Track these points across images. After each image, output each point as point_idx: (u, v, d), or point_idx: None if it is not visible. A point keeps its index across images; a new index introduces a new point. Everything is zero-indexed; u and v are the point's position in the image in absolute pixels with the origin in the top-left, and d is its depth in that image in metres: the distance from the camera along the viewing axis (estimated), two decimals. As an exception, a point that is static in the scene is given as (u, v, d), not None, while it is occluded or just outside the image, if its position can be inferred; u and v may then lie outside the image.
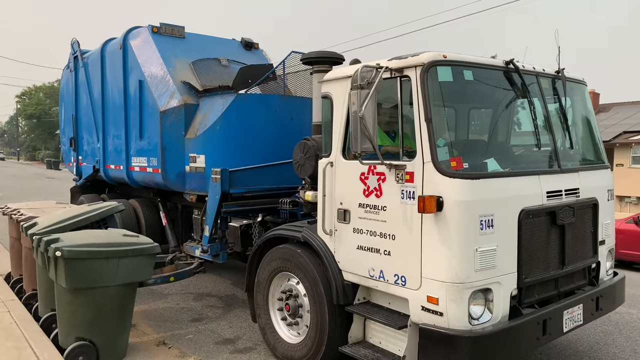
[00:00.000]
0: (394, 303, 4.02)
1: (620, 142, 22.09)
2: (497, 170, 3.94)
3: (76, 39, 9.79)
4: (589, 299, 4.33)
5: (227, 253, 6.26)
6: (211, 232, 6.13)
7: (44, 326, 5.16)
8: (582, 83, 4.95)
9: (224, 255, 6.21)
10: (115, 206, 5.94)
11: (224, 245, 6.21)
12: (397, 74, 3.79)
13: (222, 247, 6.20)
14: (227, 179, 5.93)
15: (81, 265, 4.38)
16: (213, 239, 6.17)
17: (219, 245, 6.19)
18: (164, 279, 5.90)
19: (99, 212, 5.63)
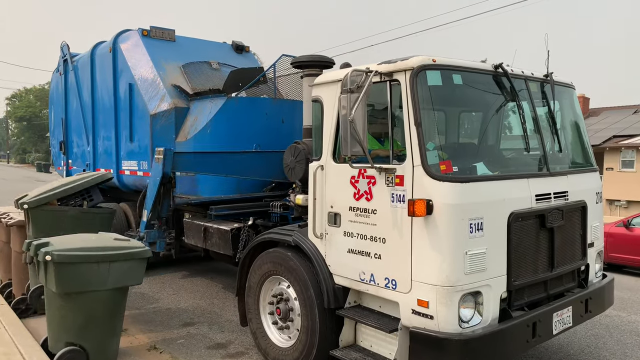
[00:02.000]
0: (385, 306, 4.03)
1: (610, 146, 22.30)
2: (487, 174, 3.97)
3: (66, 42, 9.75)
4: (578, 301, 4.36)
5: (164, 242, 5.90)
6: (149, 217, 5.80)
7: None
8: (570, 87, 5.00)
9: (162, 243, 5.86)
10: (104, 174, 5.95)
11: (162, 234, 5.85)
12: (386, 78, 3.81)
13: (160, 235, 5.84)
14: (171, 160, 5.63)
15: (71, 269, 4.34)
16: (151, 224, 5.84)
17: (156, 233, 5.84)
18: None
19: (85, 182, 5.67)
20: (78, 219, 5.59)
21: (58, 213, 5.56)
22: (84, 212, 5.72)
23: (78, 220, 5.57)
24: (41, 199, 5.56)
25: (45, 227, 5.41)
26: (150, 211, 5.84)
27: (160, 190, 5.79)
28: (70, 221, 5.54)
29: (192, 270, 8.71)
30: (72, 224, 5.50)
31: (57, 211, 5.58)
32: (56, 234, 4.96)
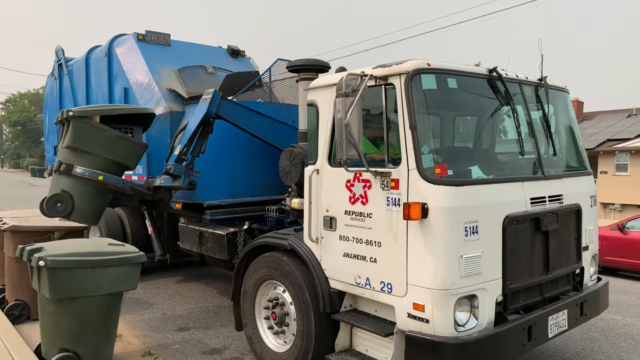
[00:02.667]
0: (381, 310, 4.02)
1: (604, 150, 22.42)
2: (481, 177, 3.98)
3: (60, 47, 9.73)
4: (573, 304, 4.37)
5: (188, 180, 5.78)
6: (181, 151, 5.77)
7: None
8: (564, 91, 5.02)
9: (185, 180, 5.75)
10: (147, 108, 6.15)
11: (189, 171, 5.78)
12: (381, 81, 3.82)
13: (186, 172, 5.76)
14: (216, 103, 5.65)
15: (65, 275, 4.31)
16: (181, 159, 5.78)
17: (183, 168, 5.76)
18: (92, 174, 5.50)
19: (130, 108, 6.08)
20: (112, 142, 5.57)
21: (97, 129, 5.52)
22: (120, 136, 5.69)
23: (112, 144, 5.57)
24: (87, 111, 5.58)
25: (81, 140, 5.46)
26: (184, 146, 5.83)
27: (198, 128, 5.81)
28: (106, 141, 5.54)
29: (187, 275, 8.67)
30: (106, 145, 5.54)
31: (97, 127, 5.53)
32: (89, 149, 5.32)
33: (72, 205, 5.40)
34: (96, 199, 5.65)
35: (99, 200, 5.71)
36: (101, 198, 5.72)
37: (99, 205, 5.76)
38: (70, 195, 5.41)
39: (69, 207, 5.36)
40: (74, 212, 5.47)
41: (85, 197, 5.53)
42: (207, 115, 5.74)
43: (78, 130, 5.44)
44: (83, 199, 5.51)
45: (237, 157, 6.27)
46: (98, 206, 5.77)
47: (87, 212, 5.64)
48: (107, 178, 5.50)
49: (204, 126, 5.88)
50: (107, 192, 5.73)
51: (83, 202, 5.52)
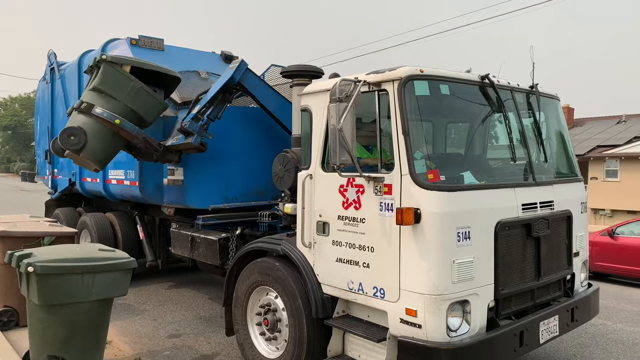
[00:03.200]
0: (373, 316, 4.02)
1: (594, 156, 22.63)
2: (474, 183, 4.00)
3: (53, 51, 9.68)
4: (564, 310, 4.39)
5: (200, 140, 5.78)
6: (199, 110, 5.80)
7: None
8: (555, 98, 5.07)
9: (198, 139, 5.77)
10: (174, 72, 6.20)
11: (202, 131, 5.79)
12: (375, 87, 3.84)
13: (200, 131, 5.77)
14: (242, 71, 5.80)
15: (54, 280, 4.26)
16: (197, 117, 5.80)
17: (198, 126, 5.77)
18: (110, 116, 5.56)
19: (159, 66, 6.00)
20: (137, 93, 5.71)
21: (125, 77, 5.67)
22: (145, 89, 5.78)
23: (136, 94, 5.70)
24: (120, 59, 5.76)
25: (107, 84, 5.62)
26: (202, 107, 5.86)
27: (219, 94, 5.87)
28: (131, 90, 5.67)
29: (178, 281, 8.62)
30: (130, 94, 5.67)
31: (126, 75, 5.67)
32: (113, 94, 5.52)
33: (85, 141, 5.47)
34: (108, 143, 5.70)
35: (111, 144, 5.75)
36: (113, 143, 5.76)
37: (109, 149, 5.80)
38: (85, 132, 5.48)
39: (81, 141, 5.46)
40: (85, 148, 5.51)
41: (99, 137, 5.58)
42: (230, 81, 5.82)
43: (107, 75, 5.60)
44: (96, 138, 5.56)
45: (229, 162, 6.25)
46: (108, 150, 5.80)
47: (98, 152, 5.66)
48: (123, 123, 5.59)
49: (224, 94, 5.95)
50: (119, 139, 5.78)
51: (96, 140, 5.56)
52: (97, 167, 5.80)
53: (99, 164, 5.79)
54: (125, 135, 5.73)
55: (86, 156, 5.59)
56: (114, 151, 5.92)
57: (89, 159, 5.64)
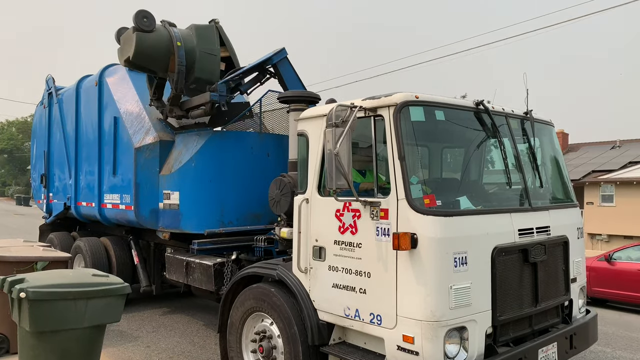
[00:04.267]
0: (370, 343, 3.96)
1: (589, 181, 22.73)
2: (470, 208, 4.00)
3: (51, 76, 9.76)
4: (563, 337, 4.34)
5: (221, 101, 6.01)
6: (232, 77, 6.18)
7: None
8: (549, 124, 5.13)
9: (216, 96, 6.02)
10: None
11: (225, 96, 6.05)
12: (371, 113, 3.87)
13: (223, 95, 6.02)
14: (281, 56, 6.23)
15: (47, 307, 4.20)
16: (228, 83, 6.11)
17: (225, 89, 6.07)
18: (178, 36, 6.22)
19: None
20: (209, 54, 6.34)
21: (214, 39, 6.48)
22: (217, 59, 6.46)
23: (208, 55, 6.34)
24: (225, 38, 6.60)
25: (201, 33, 6.35)
26: (236, 75, 6.21)
27: (255, 69, 6.30)
28: (207, 49, 6.36)
29: (172, 307, 8.50)
30: (205, 51, 6.34)
31: (215, 38, 6.50)
32: (197, 40, 6.22)
33: (151, 29, 6.01)
34: (157, 51, 6.12)
35: (159, 53, 6.15)
36: (160, 55, 6.16)
37: (153, 55, 6.15)
38: (155, 28, 6.07)
39: (151, 26, 6.02)
40: (144, 35, 5.97)
41: (156, 42, 6.08)
42: (267, 61, 6.23)
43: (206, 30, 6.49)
44: (155, 40, 6.06)
45: (225, 186, 6.25)
46: (152, 55, 6.15)
47: (144, 47, 6.03)
48: (181, 49, 6.12)
49: (258, 73, 6.34)
50: (164, 59, 6.20)
51: (152, 40, 6.05)
52: (130, 57, 6.07)
53: (136, 56, 6.05)
54: (172, 61, 6.17)
55: (136, 40, 5.95)
56: (154, 58, 6.18)
57: (135, 45, 5.96)
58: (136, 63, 6.18)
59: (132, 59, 6.06)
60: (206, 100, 5.98)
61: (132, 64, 6.19)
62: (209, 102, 5.94)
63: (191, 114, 6.33)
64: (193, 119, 6.35)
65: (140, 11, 5.97)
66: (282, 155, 5.97)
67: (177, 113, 6.50)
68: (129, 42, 6.10)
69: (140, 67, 6.40)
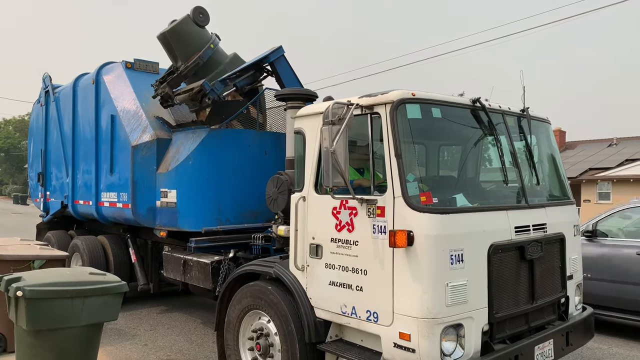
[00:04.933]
0: (367, 340, 3.97)
1: (586, 179, 22.81)
2: (466, 206, 4.01)
3: (48, 74, 9.74)
4: (559, 333, 4.36)
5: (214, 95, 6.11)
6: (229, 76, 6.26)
7: None
8: (546, 122, 5.14)
9: (208, 87, 6.09)
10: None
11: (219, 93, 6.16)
12: (367, 111, 3.88)
13: (218, 91, 6.13)
14: (278, 54, 6.30)
15: (44, 305, 4.19)
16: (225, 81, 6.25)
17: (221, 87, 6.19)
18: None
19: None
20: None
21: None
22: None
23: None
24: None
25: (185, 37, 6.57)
26: (233, 73, 6.31)
27: (251, 68, 6.42)
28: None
29: (170, 305, 8.50)
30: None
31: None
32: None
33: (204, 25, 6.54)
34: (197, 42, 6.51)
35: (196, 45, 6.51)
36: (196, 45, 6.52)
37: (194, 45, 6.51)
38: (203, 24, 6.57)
39: (204, 22, 6.52)
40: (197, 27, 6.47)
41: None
42: (264, 59, 6.26)
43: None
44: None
45: (223, 184, 6.25)
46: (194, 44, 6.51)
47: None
48: (209, 50, 6.54)
49: (255, 71, 6.41)
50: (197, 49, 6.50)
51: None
52: (167, 30, 6.48)
53: (172, 33, 6.47)
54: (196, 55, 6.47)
55: (181, 21, 6.45)
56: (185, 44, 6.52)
57: (178, 24, 6.46)
58: (168, 38, 6.48)
59: (167, 33, 6.42)
60: (197, 86, 6.07)
61: (164, 37, 6.51)
62: (199, 87, 6.01)
63: (177, 98, 6.50)
64: (179, 103, 6.52)
65: (199, 7, 6.47)
66: (279, 153, 5.97)
67: (164, 90, 6.65)
68: (176, 21, 6.49)
69: (168, 45, 6.59)
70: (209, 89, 6.01)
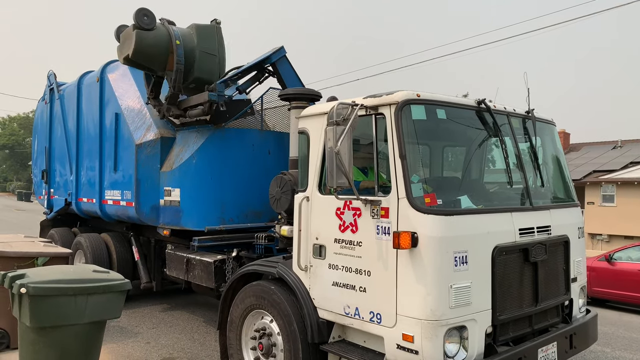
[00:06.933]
0: (370, 341, 3.96)
1: (590, 181, 22.70)
2: (471, 207, 4.00)
3: (53, 71, 9.76)
4: (562, 336, 4.34)
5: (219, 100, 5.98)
6: (231, 77, 6.23)
7: None
8: (551, 123, 5.11)
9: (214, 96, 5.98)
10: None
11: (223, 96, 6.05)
12: (372, 111, 3.86)
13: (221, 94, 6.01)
14: (280, 55, 6.28)
15: (47, 302, 4.20)
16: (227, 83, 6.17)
17: (223, 89, 6.08)
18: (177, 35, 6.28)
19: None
20: (208, 55, 6.43)
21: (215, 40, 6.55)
22: (219, 58, 6.56)
23: (207, 55, 6.42)
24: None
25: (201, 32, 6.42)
26: (235, 75, 6.35)
27: (253, 69, 6.42)
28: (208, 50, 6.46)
29: (172, 304, 8.51)
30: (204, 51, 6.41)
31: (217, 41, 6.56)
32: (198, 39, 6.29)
33: (151, 27, 6.03)
34: (157, 48, 6.12)
35: (158, 52, 6.15)
36: (158, 55, 6.17)
37: (152, 52, 6.15)
38: (155, 26, 6.08)
39: (151, 25, 6.02)
40: (143, 34, 5.99)
41: (156, 40, 6.09)
42: (266, 60, 6.24)
43: (207, 30, 6.49)
44: (154, 38, 6.08)
45: (226, 183, 6.25)
46: (151, 53, 6.15)
47: (144, 44, 6.04)
48: (179, 48, 6.14)
49: (257, 72, 6.37)
50: (162, 57, 6.19)
51: (152, 39, 6.07)
52: (129, 55, 6.06)
53: (135, 54, 6.04)
54: (171, 59, 6.16)
55: (136, 38, 5.96)
56: (153, 56, 6.18)
57: (135, 43, 5.96)
58: (135, 61, 6.15)
59: (132, 57, 6.03)
60: (204, 100, 5.95)
61: (131, 61, 6.17)
62: (207, 101, 5.91)
63: (189, 113, 6.29)
64: (191, 118, 6.32)
65: (141, 9, 5.93)
66: (283, 153, 5.97)
67: (174, 112, 6.46)
68: (128, 39, 6.06)
69: (139, 65, 6.38)
70: (216, 97, 5.90)
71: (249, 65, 6.34)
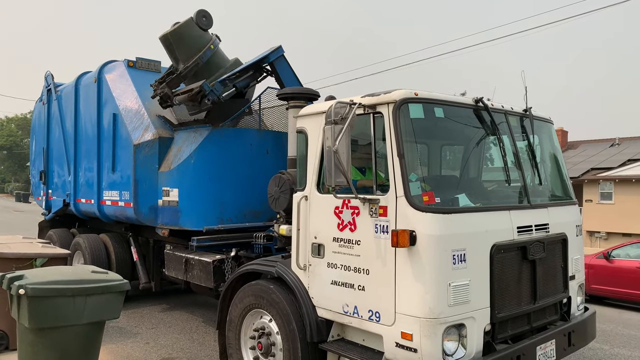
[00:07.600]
0: (368, 340, 3.97)
1: (588, 179, 22.74)
2: (469, 205, 4.00)
3: (50, 72, 9.74)
4: (561, 334, 4.35)
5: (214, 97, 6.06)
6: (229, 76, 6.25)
7: None
8: (548, 121, 5.12)
9: (208, 87, 6.05)
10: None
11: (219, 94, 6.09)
12: (370, 110, 3.87)
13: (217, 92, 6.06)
14: (278, 55, 6.32)
15: (46, 303, 4.20)
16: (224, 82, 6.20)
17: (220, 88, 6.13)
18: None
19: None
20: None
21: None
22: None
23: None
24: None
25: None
26: (233, 74, 6.34)
27: (251, 68, 6.46)
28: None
29: (171, 304, 8.51)
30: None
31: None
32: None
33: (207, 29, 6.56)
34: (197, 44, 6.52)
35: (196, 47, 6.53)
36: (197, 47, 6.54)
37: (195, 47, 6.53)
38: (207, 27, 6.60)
39: (208, 26, 6.54)
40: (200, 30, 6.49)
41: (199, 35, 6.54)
42: (264, 59, 6.30)
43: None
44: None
45: (225, 183, 6.25)
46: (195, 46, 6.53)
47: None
48: (210, 51, 6.55)
49: (255, 71, 6.43)
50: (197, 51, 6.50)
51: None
52: (169, 32, 6.52)
53: (174, 35, 6.48)
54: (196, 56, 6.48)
55: (183, 24, 6.47)
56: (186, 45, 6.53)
57: (180, 26, 6.47)
58: (169, 40, 6.50)
59: (169, 35, 6.45)
60: (196, 86, 6.05)
61: (166, 38, 6.53)
62: (198, 88, 6.00)
63: (177, 98, 6.47)
64: (179, 103, 6.48)
65: (202, 10, 6.52)
66: (281, 152, 5.97)
67: (163, 91, 6.64)
68: (179, 23, 6.50)
69: (170, 46, 6.61)
70: (209, 90, 5.98)
71: (247, 64, 6.35)
